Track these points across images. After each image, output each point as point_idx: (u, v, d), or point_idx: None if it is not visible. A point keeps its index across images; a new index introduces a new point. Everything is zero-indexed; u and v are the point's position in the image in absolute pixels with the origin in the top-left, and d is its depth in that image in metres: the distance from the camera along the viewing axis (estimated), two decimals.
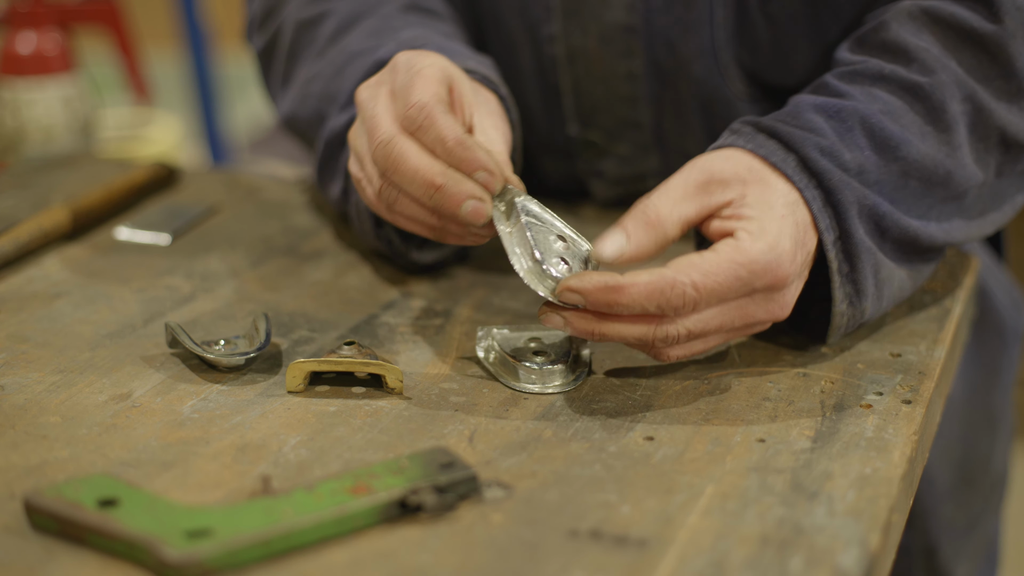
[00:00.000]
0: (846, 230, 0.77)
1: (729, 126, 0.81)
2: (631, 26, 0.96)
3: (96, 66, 1.73)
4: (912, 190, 0.80)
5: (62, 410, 0.72)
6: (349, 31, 0.96)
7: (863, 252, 0.77)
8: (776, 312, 0.75)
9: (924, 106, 0.81)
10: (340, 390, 0.75)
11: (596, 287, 0.71)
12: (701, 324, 0.73)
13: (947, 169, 0.81)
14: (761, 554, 0.59)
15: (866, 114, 0.79)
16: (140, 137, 2.15)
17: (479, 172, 0.75)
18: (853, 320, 0.79)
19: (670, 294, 0.71)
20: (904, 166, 0.79)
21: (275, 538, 0.59)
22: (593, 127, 1.01)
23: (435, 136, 0.76)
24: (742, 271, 0.72)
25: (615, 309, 0.71)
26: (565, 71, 0.99)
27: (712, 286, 0.71)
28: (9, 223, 0.97)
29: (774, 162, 0.76)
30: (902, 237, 0.80)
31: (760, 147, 0.77)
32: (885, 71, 0.82)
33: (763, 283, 0.73)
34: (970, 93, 0.82)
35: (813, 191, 0.76)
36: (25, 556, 0.59)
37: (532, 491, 0.65)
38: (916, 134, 0.80)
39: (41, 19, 1.33)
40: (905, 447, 0.69)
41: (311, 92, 0.96)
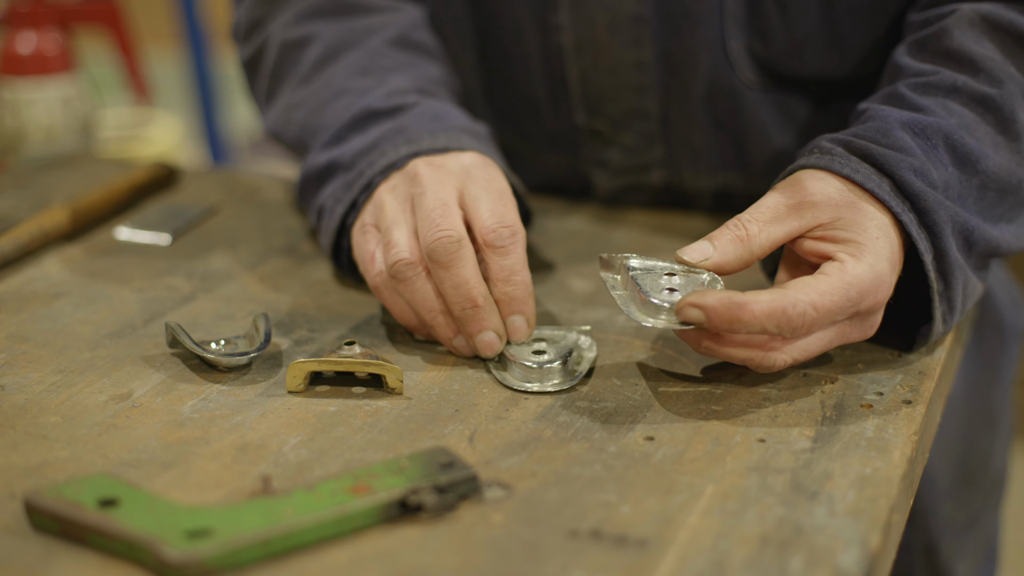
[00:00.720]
0: (941, 249, 0.77)
1: (817, 143, 0.80)
2: (640, 15, 0.96)
3: (96, 66, 1.73)
4: (989, 201, 0.81)
5: (62, 410, 0.72)
6: (334, 61, 0.97)
7: (956, 270, 0.78)
8: (867, 333, 0.76)
9: (995, 117, 0.82)
10: (340, 390, 0.75)
11: (720, 303, 0.70)
12: (806, 353, 0.74)
13: (1019, 177, 0.82)
14: (761, 554, 0.59)
15: (948, 130, 0.80)
16: (140, 137, 2.15)
17: (519, 316, 0.78)
18: (942, 334, 0.80)
19: (791, 313, 0.71)
20: (983, 179, 0.80)
21: (275, 538, 0.59)
22: (599, 116, 1.01)
23: (510, 264, 0.78)
24: (852, 291, 0.73)
25: (735, 327, 0.71)
26: (572, 60, 0.99)
27: (829, 306, 0.72)
28: (9, 223, 0.97)
29: (870, 188, 0.76)
30: (987, 248, 0.80)
31: (856, 172, 0.77)
32: (958, 83, 0.82)
33: (867, 305, 0.74)
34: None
35: (909, 215, 0.76)
36: (25, 556, 0.59)
37: (532, 491, 0.65)
38: (990, 146, 0.81)
39: (41, 19, 1.33)
40: (905, 447, 0.69)
41: (294, 119, 0.97)
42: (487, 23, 1.02)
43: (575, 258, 0.96)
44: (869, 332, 0.76)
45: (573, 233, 1.01)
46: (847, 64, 0.93)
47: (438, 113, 0.90)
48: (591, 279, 0.92)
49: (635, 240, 1.00)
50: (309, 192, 0.92)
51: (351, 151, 0.88)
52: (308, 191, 0.92)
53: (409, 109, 0.90)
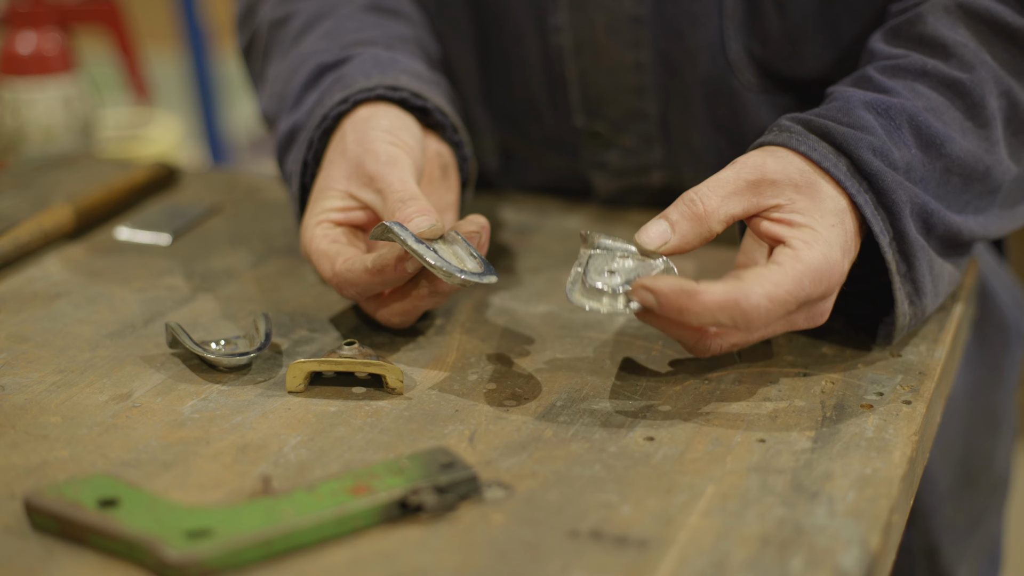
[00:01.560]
0: (900, 230, 0.77)
1: (778, 122, 0.80)
2: (638, 16, 0.96)
3: (96, 66, 1.73)
4: (953, 186, 0.81)
5: (62, 410, 0.72)
6: (309, 32, 0.98)
7: (918, 250, 0.77)
8: (816, 320, 0.76)
9: (964, 102, 0.81)
10: (340, 390, 0.75)
11: (671, 289, 0.69)
12: (747, 341, 0.74)
13: (986, 165, 0.82)
14: (761, 554, 0.59)
15: (912, 112, 0.79)
16: (140, 137, 2.15)
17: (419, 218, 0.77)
18: (915, 318, 0.79)
19: (745, 306, 0.70)
20: (947, 163, 0.80)
21: (275, 538, 0.59)
22: (599, 118, 1.01)
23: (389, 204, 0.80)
24: (805, 281, 0.72)
25: (685, 316, 0.69)
26: (572, 62, 0.99)
27: (783, 297, 0.71)
28: (9, 223, 0.97)
29: (826, 167, 0.76)
30: (946, 233, 0.80)
31: (812, 150, 0.77)
32: (927, 67, 0.82)
33: (818, 292, 0.73)
34: (1006, 88, 0.83)
35: (864, 195, 0.76)
36: (25, 556, 0.59)
37: (532, 491, 0.65)
38: (958, 131, 0.81)
39: (41, 19, 1.33)
40: (905, 447, 0.69)
41: (274, 92, 0.98)
42: (487, 25, 1.02)
43: (575, 258, 0.95)
44: (819, 320, 0.76)
45: (573, 233, 1.01)
46: (846, 65, 0.93)
47: (382, 60, 0.90)
48: None
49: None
50: (282, 163, 0.93)
51: (306, 110, 0.90)
52: (282, 162, 0.93)
53: (354, 58, 0.91)
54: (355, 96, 0.86)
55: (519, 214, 1.04)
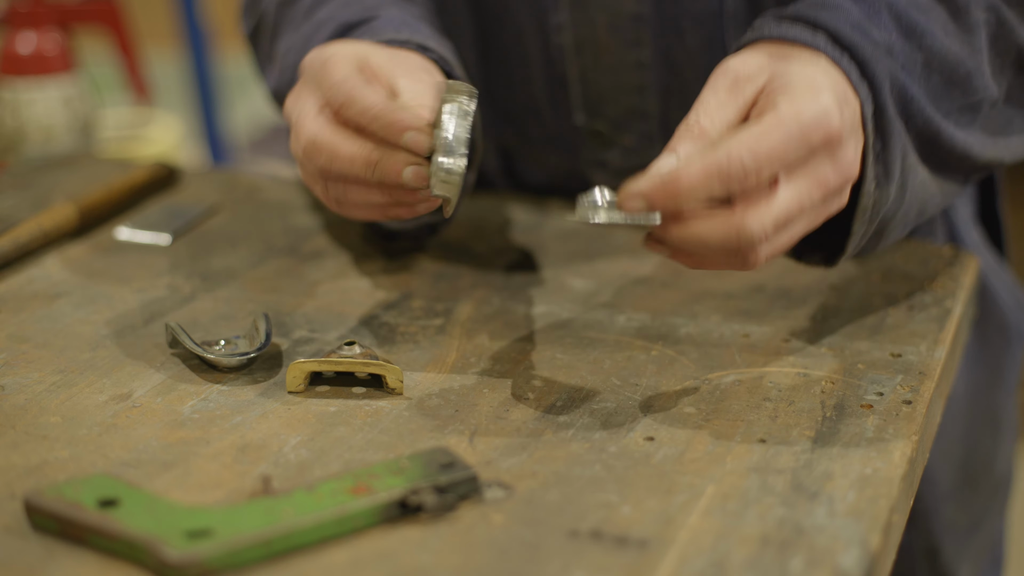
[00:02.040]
0: (880, 105, 0.75)
1: (752, 24, 0.79)
2: (640, 15, 0.96)
3: (96, 66, 1.73)
4: (935, 84, 0.79)
5: (62, 410, 0.72)
6: (323, 5, 0.96)
7: (895, 131, 0.76)
8: (845, 170, 0.71)
9: (948, 6, 0.81)
10: (340, 390, 0.75)
11: (652, 181, 0.68)
12: (783, 210, 0.69)
13: (968, 69, 0.80)
14: (761, 554, 0.59)
15: (892, 1, 0.79)
16: (140, 137, 2.15)
17: (408, 133, 0.74)
18: (877, 206, 0.77)
19: (728, 168, 0.67)
20: (928, 56, 0.78)
21: (275, 538, 0.59)
22: (599, 117, 1.01)
23: (359, 109, 0.75)
24: (792, 127, 0.69)
25: (681, 201, 0.68)
26: (573, 60, 0.99)
27: (768, 149, 0.68)
28: (9, 223, 0.97)
29: (803, 40, 0.74)
30: (925, 128, 0.78)
31: (785, 32, 0.75)
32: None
33: (818, 137, 0.70)
34: (993, 5, 0.82)
35: (848, 63, 0.74)
36: (25, 556, 0.59)
37: (532, 491, 0.65)
38: (940, 28, 0.80)
39: (41, 19, 1.33)
40: (905, 447, 0.69)
41: (287, 64, 0.96)
42: (488, 24, 1.02)
43: (575, 258, 0.96)
44: (847, 170, 0.71)
45: (573, 233, 1.01)
46: None
47: (409, 22, 0.89)
48: (591, 279, 0.92)
49: (635, 239, 0.99)
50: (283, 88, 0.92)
51: None
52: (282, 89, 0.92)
53: (381, 17, 0.90)
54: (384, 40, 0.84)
55: (519, 214, 1.04)
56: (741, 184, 0.68)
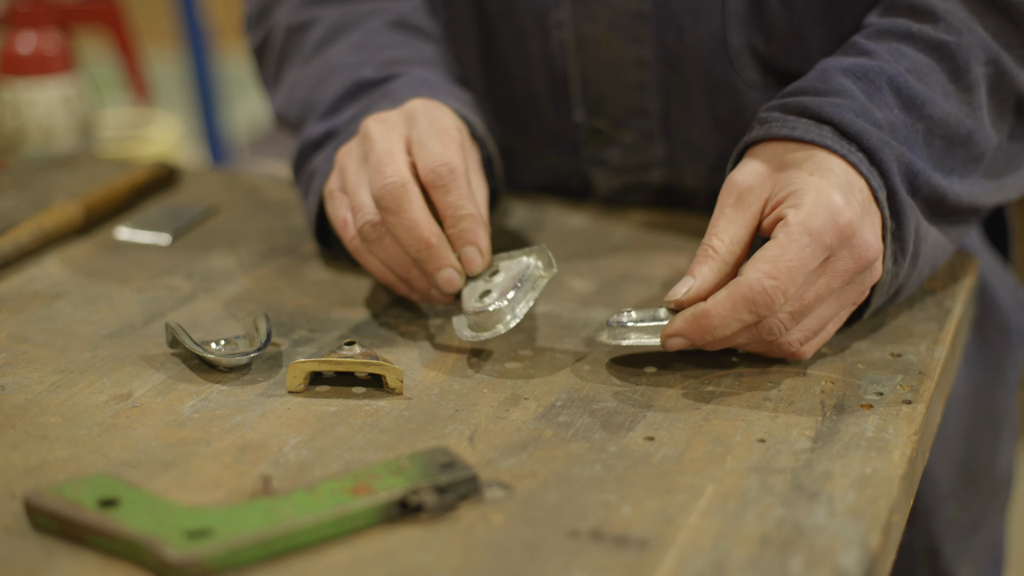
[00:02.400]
0: (892, 188, 0.77)
1: (757, 116, 0.82)
2: (641, 12, 0.96)
3: (96, 66, 1.73)
4: (937, 148, 0.81)
5: (62, 410, 0.72)
6: (334, 41, 0.99)
7: (907, 208, 0.78)
8: (863, 255, 0.75)
9: (949, 65, 0.82)
10: (340, 390, 0.75)
11: (686, 322, 0.74)
12: (799, 301, 0.74)
13: (968, 129, 0.82)
14: (761, 554, 0.59)
15: (893, 73, 0.81)
16: (140, 137, 2.15)
17: (470, 247, 0.80)
18: (895, 279, 0.79)
19: (752, 295, 0.72)
20: (929, 124, 0.81)
21: (275, 538, 0.59)
22: (600, 114, 1.01)
23: (453, 200, 0.80)
24: (804, 238, 0.73)
25: (715, 332, 0.74)
26: (573, 57, 0.99)
27: (786, 267, 0.72)
28: (9, 223, 0.97)
29: (809, 139, 0.77)
30: (931, 195, 0.80)
31: (793, 130, 0.78)
32: (912, 29, 0.83)
33: (831, 238, 0.73)
34: (993, 56, 0.83)
35: (857, 154, 0.77)
36: (25, 556, 0.59)
37: (532, 491, 0.65)
38: (940, 93, 0.81)
39: (41, 19, 1.33)
40: (905, 447, 0.69)
41: (295, 97, 0.99)
42: (489, 21, 1.02)
43: (575, 258, 0.96)
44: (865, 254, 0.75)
45: (573, 233, 1.01)
46: None
47: (427, 79, 0.92)
48: (591, 279, 0.92)
49: (635, 239, 1.00)
50: (305, 159, 0.94)
51: (345, 119, 0.91)
52: (304, 160, 0.94)
53: (399, 77, 0.92)
54: None
55: (519, 214, 1.04)
56: (770, 308, 0.73)
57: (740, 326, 0.73)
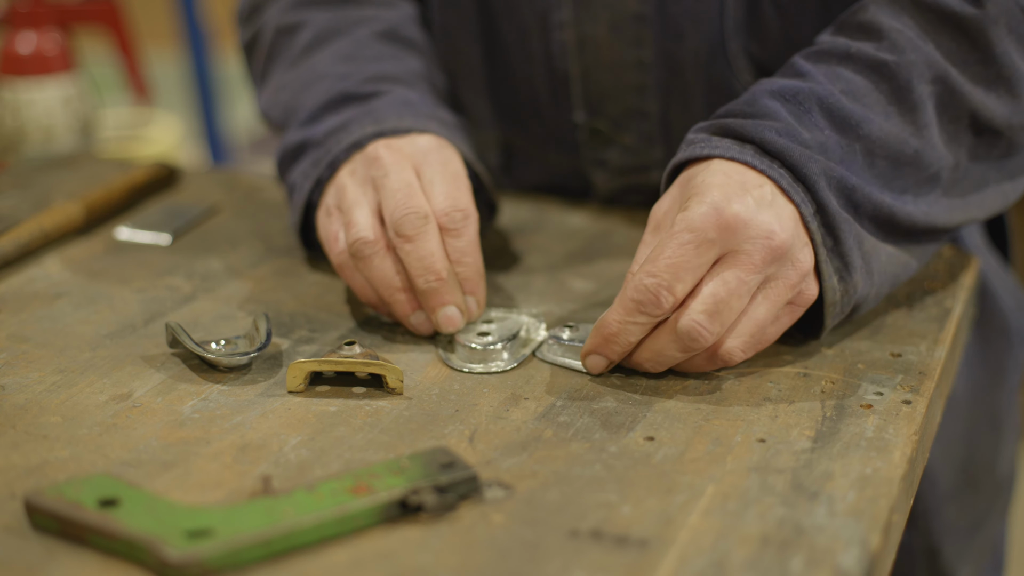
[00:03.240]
0: (821, 203, 0.77)
1: (685, 138, 0.82)
2: (642, 14, 0.96)
3: (96, 66, 1.73)
4: (881, 169, 0.80)
5: (62, 410, 0.72)
6: (322, 47, 0.99)
7: (842, 223, 0.77)
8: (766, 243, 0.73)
9: (889, 85, 0.81)
10: (340, 390, 0.75)
11: (592, 337, 0.76)
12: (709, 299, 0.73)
13: (914, 148, 0.81)
14: (762, 554, 0.59)
15: (823, 94, 0.80)
16: (140, 137, 2.15)
17: (470, 297, 0.82)
18: (847, 297, 0.78)
19: (636, 295, 0.73)
20: (868, 144, 0.80)
21: (276, 538, 0.59)
22: (600, 115, 1.01)
23: (462, 247, 0.82)
24: (684, 235, 0.73)
25: (620, 340, 0.75)
26: (574, 58, 0.99)
27: (666, 263, 0.73)
28: (9, 223, 0.97)
29: (730, 156, 0.77)
30: (876, 213, 0.80)
31: (715, 149, 0.78)
32: (852, 49, 0.82)
33: (716, 232, 0.73)
34: (941, 74, 0.82)
35: (778, 170, 0.77)
36: (25, 556, 0.59)
37: (533, 491, 0.65)
38: (880, 113, 0.81)
39: (41, 19, 1.33)
40: (905, 447, 0.69)
41: (279, 100, 0.99)
42: (492, 21, 1.02)
43: (575, 258, 0.96)
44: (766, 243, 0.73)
45: (573, 233, 1.01)
46: None
47: (410, 100, 0.92)
48: (591, 279, 0.92)
49: (635, 239, 0.99)
50: (284, 170, 0.94)
51: (323, 130, 0.91)
52: (283, 169, 0.94)
53: (383, 95, 0.92)
54: (387, 132, 0.88)
55: (519, 214, 1.04)
56: (657, 306, 0.73)
57: (640, 331, 0.74)
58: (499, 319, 0.82)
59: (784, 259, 0.75)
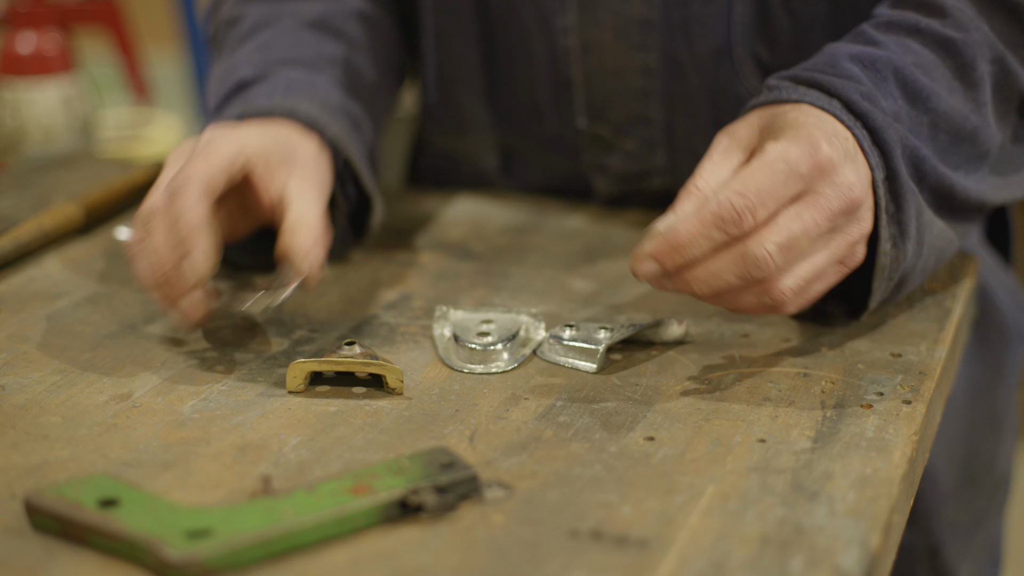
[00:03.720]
0: (893, 169, 0.77)
1: (766, 82, 0.81)
2: (648, 19, 0.95)
3: (96, 66, 1.73)
4: (942, 143, 0.81)
5: (62, 410, 0.72)
6: (251, 38, 0.98)
7: (908, 192, 0.78)
8: (847, 193, 0.73)
9: (955, 62, 0.82)
10: (340, 390, 0.75)
11: (656, 243, 0.72)
12: (784, 232, 0.72)
13: (973, 125, 0.82)
14: (762, 554, 0.59)
15: (899, 65, 0.81)
16: (140, 137, 2.15)
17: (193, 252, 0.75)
18: (896, 264, 0.79)
19: (720, 212, 0.70)
20: (934, 118, 0.81)
21: (275, 538, 0.59)
22: (602, 121, 1.01)
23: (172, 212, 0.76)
24: (778, 164, 0.72)
25: (685, 253, 0.71)
26: (577, 63, 0.99)
27: (756, 187, 0.71)
28: (9, 223, 0.97)
29: (820, 105, 0.77)
30: (939, 185, 0.80)
31: (804, 96, 0.78)
32: (920, 24, 0.83)
33: (807, 167, 0.72)
34: (999, 55, 0.84)
35: (861, 130, 0.77)
36: (25, 556, 0.59)
37: (532, 491, 0.65)
38: (945, 88, 0.82)
39: (41, 19, 1.33)
40: (906, 447, 0.69)
41: (209, 93, 0.98)
42: (492, 23, 1.02)
43: (575, 258, 0.96)
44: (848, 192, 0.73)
45: (573, 233, 1.01)
46: None
47: (292, 80, 0.91)
48: (591, 279, 0.92)
49: (635, 239, 0.99)
50: None
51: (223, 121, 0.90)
52: None
53: (269, 78, 0.91)
54: (249, 113, 0.87)
55: (519, 214, 1.04)
56: (737, 226, 0.71)
57: (710, 245, 0.71)
58: (499, 319, 0.82)
59: (854, 215, 0.75)
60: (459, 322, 0.81)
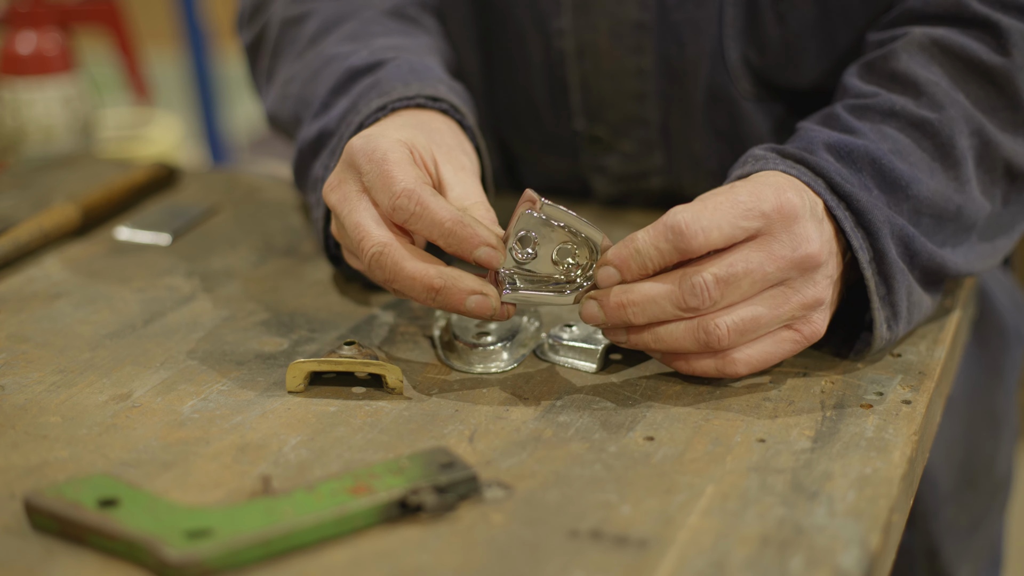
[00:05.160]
0: (880, 250, 0.76)
1: (751, 152, 0.80)
2: (643, 22, 0.95)
3: (96, 66, 1.73)
4: (925, 226, 0.80)
5: (62, 410, 0.72)
6: (329, 33, 0.97)
7: (898, 273, 0.77)
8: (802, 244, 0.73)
9: (933, 143, 0.81)
10: (340, 390, 0.75)
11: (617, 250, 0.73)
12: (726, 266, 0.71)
13: (957, 204, 0.81)
14: (761, 554, 0.59)
15: (877, 155, 0.79)
16: (140, 137, 2.15)
17: (481, 248, 0.73)
18: (888, 344, 0.78)
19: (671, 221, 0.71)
20: (915, 204, 0.79)
21: (275, 538, 0.59)
22: (599, 123, 1.01)
23: (430, 221, 0.73)
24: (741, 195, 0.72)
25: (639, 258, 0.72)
26: (573, 66, 0.99)
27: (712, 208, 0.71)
28: (9, 223, 0.97)
29: (806, 181, 0.76)
30: (930, 263, 0.79)
31: (790, 168, 0.77)
32: (896, 107, 0.82)
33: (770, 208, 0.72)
34: (978, 127, 0.82)
35: (844, 211, 0.76)
36: (25, 556, 0.59)
37: (532, 491, 0.65)
38: (925, 171, 0.80)
39: (41, 19, 1.33)
40: (905, 447, 0.69)
41: (289, 93, 0.97)
42: (491, 27, 1.02)
43: None
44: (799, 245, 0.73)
45: None
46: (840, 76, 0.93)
47: (416, 67, 0.89)
48: None
49: None
50: (305, 167, 0.91)
51: (336, 116, 0.88)
52: (304, 166, 0.91)
53: (388, 63, 0.89)
54: (393, 104, 0.85)
55: None
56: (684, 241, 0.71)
57: (659, 259, 0.71)
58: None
59: (808, 274, 0.74)
60: (458, 322, 0.81)
